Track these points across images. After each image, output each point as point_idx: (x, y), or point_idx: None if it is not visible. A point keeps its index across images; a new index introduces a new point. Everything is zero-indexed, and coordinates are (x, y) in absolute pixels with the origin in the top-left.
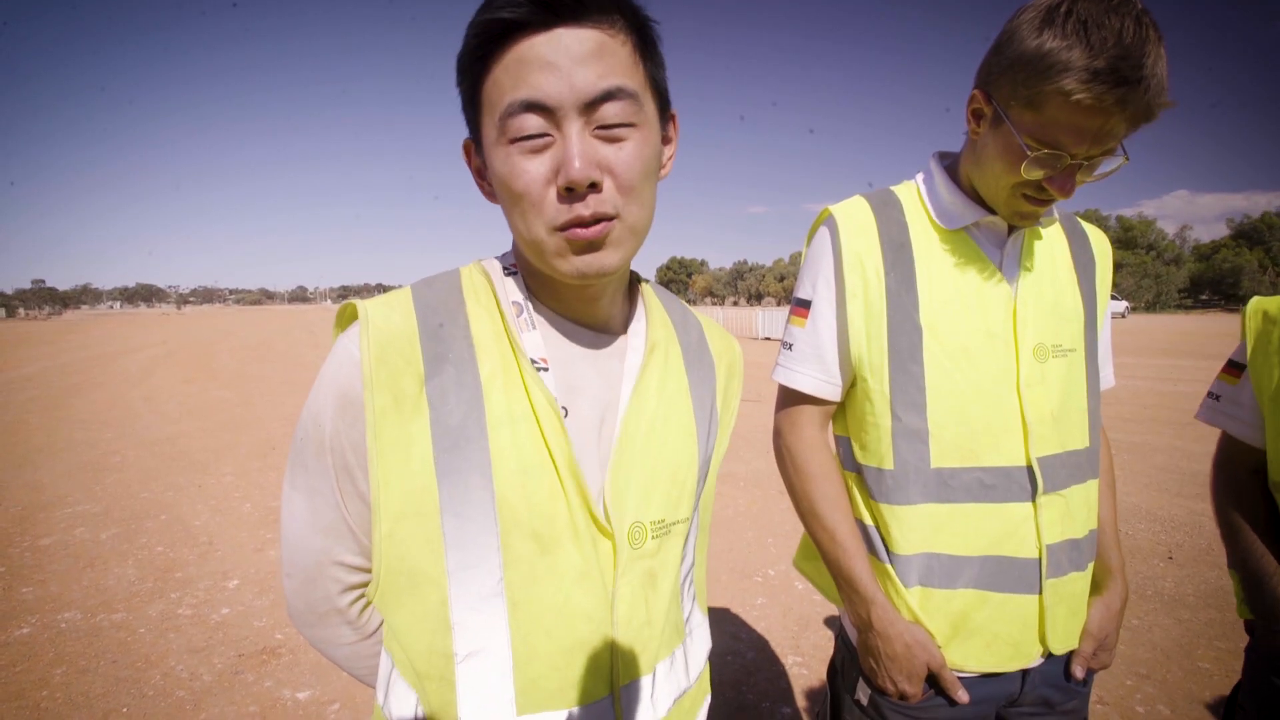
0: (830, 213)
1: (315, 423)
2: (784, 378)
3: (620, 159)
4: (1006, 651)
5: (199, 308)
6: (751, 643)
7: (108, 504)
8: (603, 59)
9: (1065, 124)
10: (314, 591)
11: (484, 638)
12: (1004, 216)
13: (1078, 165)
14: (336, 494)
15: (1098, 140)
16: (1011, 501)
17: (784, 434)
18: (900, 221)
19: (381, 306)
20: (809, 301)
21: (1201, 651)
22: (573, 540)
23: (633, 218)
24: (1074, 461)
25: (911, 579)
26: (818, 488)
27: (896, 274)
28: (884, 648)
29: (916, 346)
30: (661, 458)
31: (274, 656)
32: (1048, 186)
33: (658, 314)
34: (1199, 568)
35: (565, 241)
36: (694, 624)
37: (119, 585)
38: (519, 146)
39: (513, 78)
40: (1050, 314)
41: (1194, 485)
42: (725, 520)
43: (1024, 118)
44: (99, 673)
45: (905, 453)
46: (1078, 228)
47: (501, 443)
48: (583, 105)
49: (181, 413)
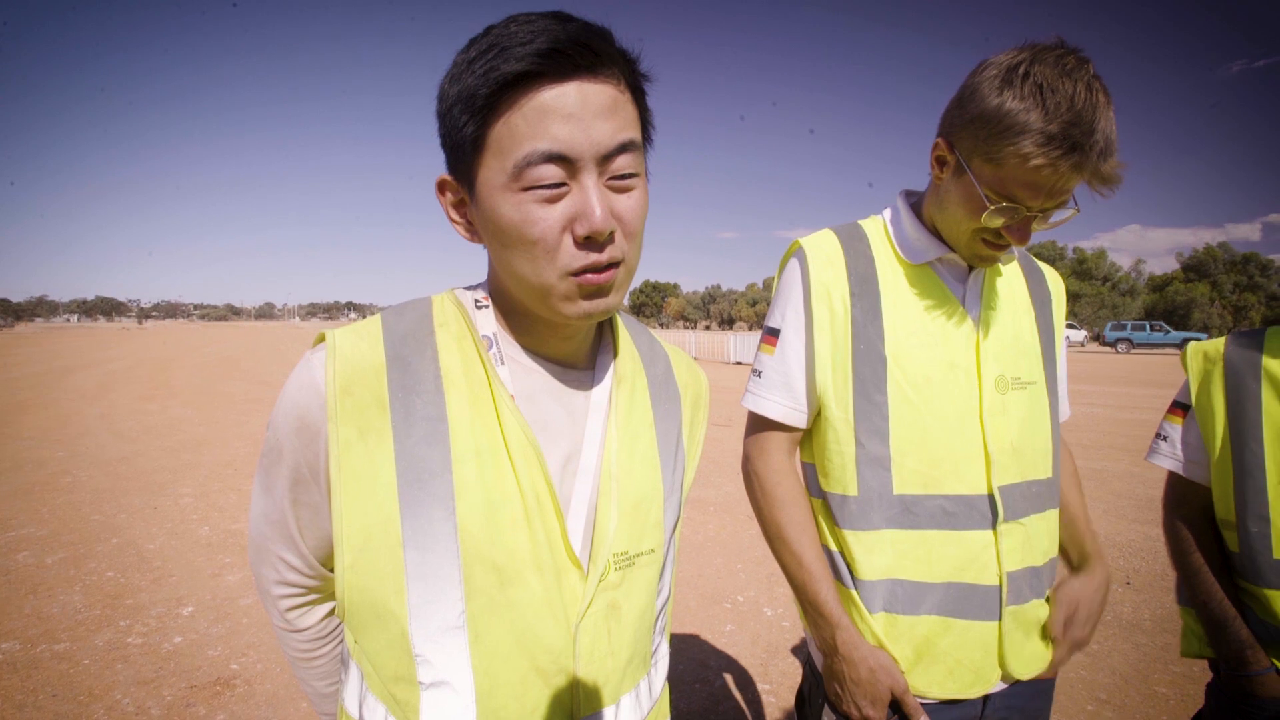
0: (800, 245)
1: (275, 436)
2: (753, 404)
3: (628, 208)
4: (968, 678)
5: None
6: (720, 669)
7: (55, 527)
8: (617, 113)
9: (1023, 181)
10: (258, 568)
11: (447, 670)
12: (964, 257)
13: (1033, 216)
14: (287, 501)
15: (1051, 195)
16: (973, 529)
17: (752, 459)
18: (867, 255)
19: (350, 335)
20: (778, 330)
21: (1158, 676)
22: (535, 572)
23: (632, 261)
24: (1035, 491)
25: (876, 605)
26: (785, 513)
27: (862, 305)
28: (849, 672)
29: (881, 376)
30: (626, 491)
31: (228, 688)
32: (1005, 234)
33: (626, 346)
34: (1155, 593)
35: (577, 286)
36: (659, 655)
37: (63, 613)
38: (534, 194)
39: (532, 126)
40: (1010, 347)
41: (1150, 511)
42: (695, 546)
43: (984, 171)
44: (37, 707)
45: (869, 479)
46: (1034, 266)
47: (466, 476)
48: (600, 158)
49: (139, 431)
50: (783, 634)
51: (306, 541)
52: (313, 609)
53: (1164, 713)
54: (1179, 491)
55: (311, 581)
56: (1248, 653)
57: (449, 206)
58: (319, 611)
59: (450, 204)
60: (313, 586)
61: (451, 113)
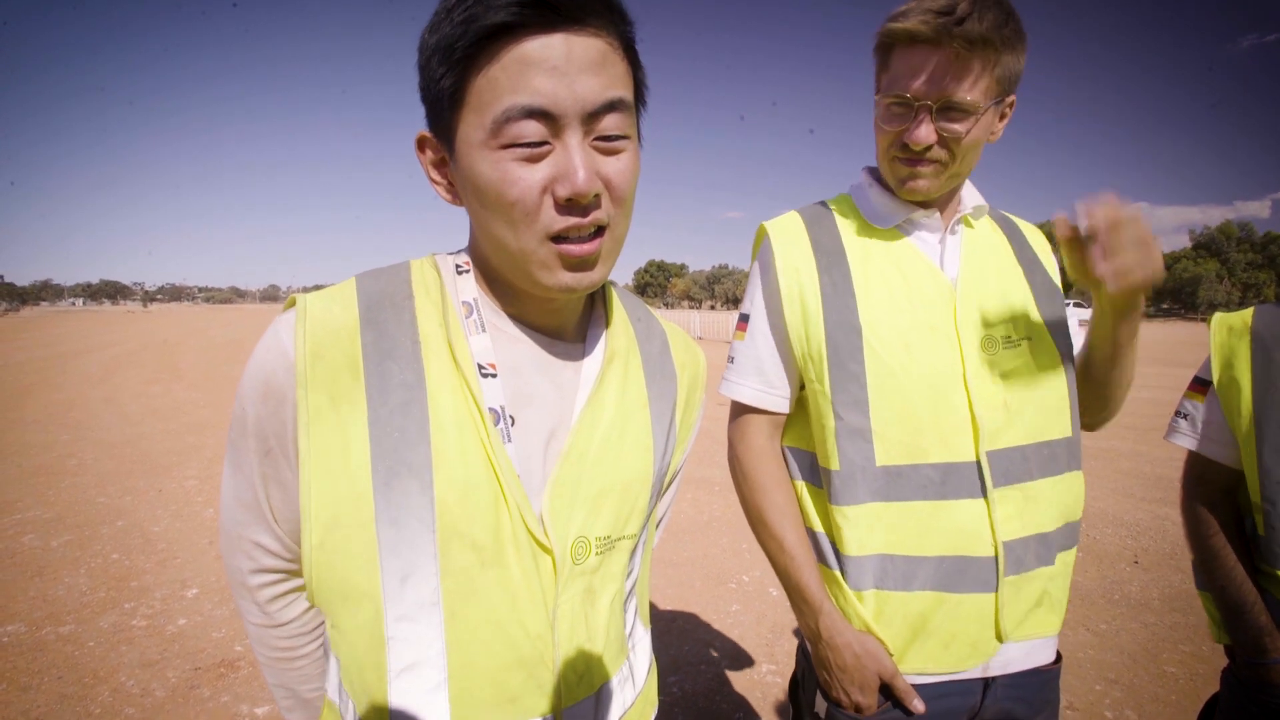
0: (765, 229)
1: (241, 405)
2: (727, 390)
3: (616, 170)
4: (963, 650)
5: (166, 306)
6: (725, 650)
7: (60, 509)
8: (605, 68)
9: (907, 69)
10: (231, 559)
11: (419, 650)
12: (896, 190)
13: (925, 107)
14: (256, 476)
15: (934, 79)
16: (962, 498)
17: (734, 444)
18: (831, 228)
19: (322, 299)
20: (749, 316)
21: (1167, 655)
22: (514, 553)
23: (620, 229)
24: (1046, 454)
25: (866, 581)
26: (766, 497)
27: (830, 276)
28: (834, 659)
29: (856, 346)
30: (615, 472)
31: (232, 669)
32: (907, 141)
33: (619, 320)
34: (1164, 571)
35: (557, 254)
36: (636, 638)
37: (69, 595)
38: (514, 152)
39: (512, 79)
40: (997, 305)
41: (1158, 489)
42: (699, 526)
43: (882, 81)
44: (42, 689)
45: (850, 452)
46: (1013, 226)
47: (445, 447)
48: (585, 115)
49: (144, 414)
50: (788, 614)
51: (279, 522)
52: (297, 598)
53: (1173, 692)
54: (1199, 472)
55: (292, 566)
56: (1266, 639)
57: (429, 165)
58: (304, 601)
59: (430, 162)
60: (293, 570)
61: (430, 64)
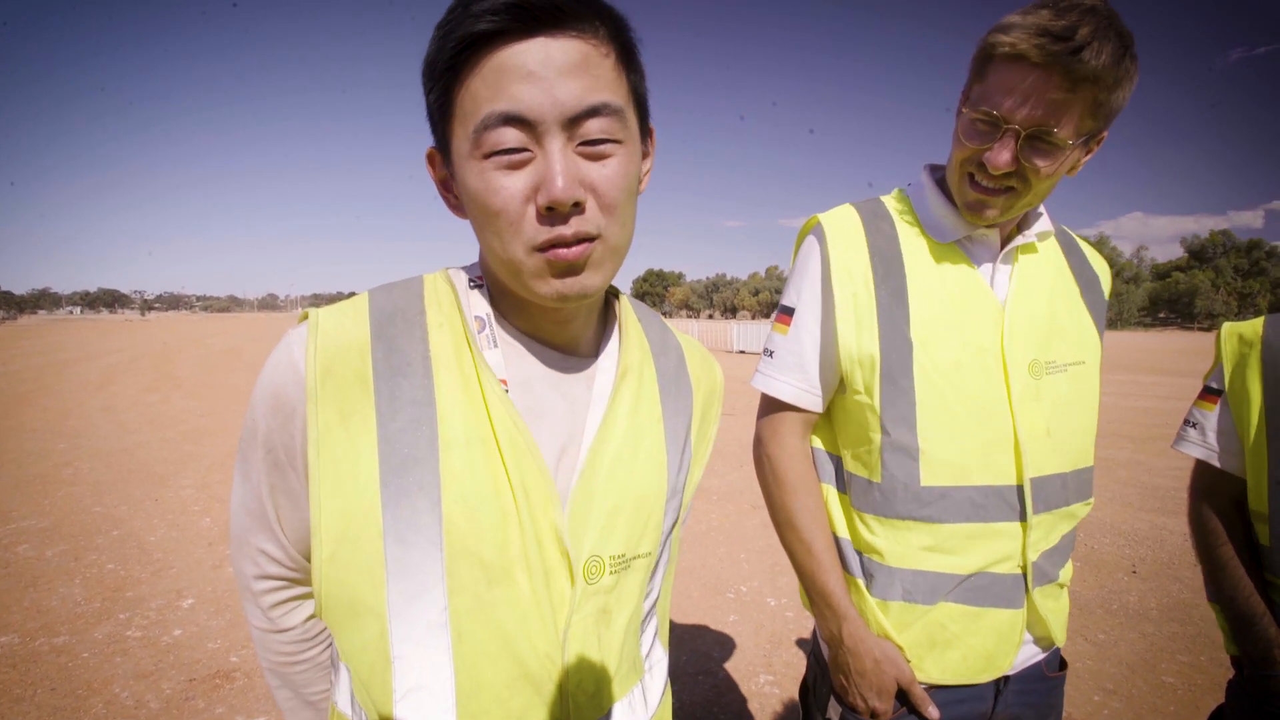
0: (819, 220)
1: (251, 415)
2: (763, 385)
3: (603, 177)
4: (979, 664)
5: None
6: (723, 660)
7: (56, 519)
8: (587, 72)
9: (1003, 86)
10: (238, 564)
11: (426, 674)
12: (962, 214)
13: (1013, 132)
14: (264, 487)
15: (1031, 105)
16: (1001, 521)
17: (765, 442)
18: (890, 234)
19: (335, 313)
20: (793, 309)
21: (1165, 666)
22: (524, 571)
23: (614, 238)
24: (1084, 479)
25: (895, 593)
26: (796, 499)
27: (888, 287)
28: (854, 664)
29: (908, 361)
30: (627, 490)
31: (228, 681)
32: (984, 161)
33: (634, 335)
34: (1162, 581)
35: (545, 263)
36: (654, 659)
37: (63, 606)
38: (495, 161)
39: (490, 88)
40: (1045, 329)
41: (1156, 499)
42: (698, 535)
43: (972, 91)
44: (34, 701)
45: (894, 468)
46: (1075, 245)
47: (454, 464)
48: (566, 120)
49: (141, 423)
50: (786, 624)
51: (285, 532)
52: (299, 606)
53: (1171, 702)
54: (1208, 481)
55: (294, 574)
56: (1274, 651)
57: (437, 181)
58: (306, 609)
59: (438, 178)
60: (297, 579)
61: (424, 81)
